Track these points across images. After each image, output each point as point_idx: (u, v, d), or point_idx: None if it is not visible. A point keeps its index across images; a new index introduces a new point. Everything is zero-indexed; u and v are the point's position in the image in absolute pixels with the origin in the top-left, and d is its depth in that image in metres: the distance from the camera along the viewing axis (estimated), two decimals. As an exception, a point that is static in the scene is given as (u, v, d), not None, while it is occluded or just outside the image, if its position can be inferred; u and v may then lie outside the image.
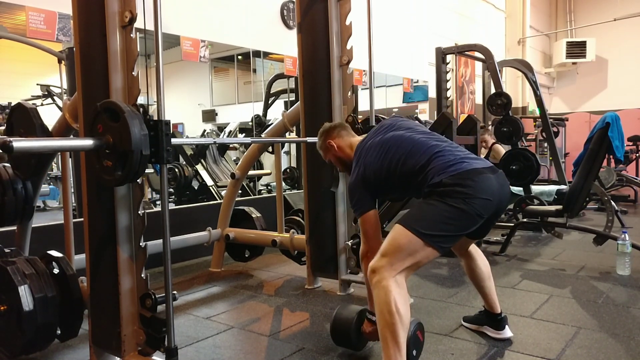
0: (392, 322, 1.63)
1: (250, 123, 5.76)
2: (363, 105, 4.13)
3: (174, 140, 1.71)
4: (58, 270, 2.02)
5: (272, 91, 6.01)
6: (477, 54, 5.59)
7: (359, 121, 2.85)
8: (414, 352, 1.92)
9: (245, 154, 3.74)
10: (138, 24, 1.76)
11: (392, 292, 1.64)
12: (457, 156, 1.82)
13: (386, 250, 1.72)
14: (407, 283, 1.73)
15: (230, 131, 5.91)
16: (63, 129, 2.30)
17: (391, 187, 1.97)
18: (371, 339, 2.07)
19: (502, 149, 5.27)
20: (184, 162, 5.28)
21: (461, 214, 1.70)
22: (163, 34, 1.68)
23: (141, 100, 1.79)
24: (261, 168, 5.78)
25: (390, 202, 4.08)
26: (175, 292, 1.76)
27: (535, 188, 5.01)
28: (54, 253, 2.07)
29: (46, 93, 4.75)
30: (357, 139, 2.16)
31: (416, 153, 1.85)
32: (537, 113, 6.73)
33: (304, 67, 3.02)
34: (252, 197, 5.07)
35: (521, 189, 4.80)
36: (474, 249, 2.16)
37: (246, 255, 3.74)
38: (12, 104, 2.49)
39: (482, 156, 4.37)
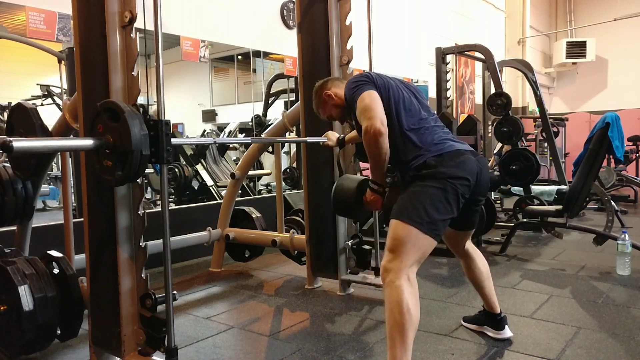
0: (402, 322, 1.63)
1: (250, 123, 5.75)
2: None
3: (174, 140, 1.72)
4: (58, 270, 2.02)
5: (272, 91, 6.00)
6: (477, 54, 5.58)
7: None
8: None
9: (245, 154, 3.74)
10: (138, 24, 1.76)
11: (404, 292, 1.65)
12: (441, 136, 1.89)
13: (392, 247, 1.73)
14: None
15: (230, 131, 5.90)
16: (63, 129, 2.30)
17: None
18: (372, 209, 2.05)
19: None
20: (184, 162, 5.28)
21: (445, 195, 1.74)
22: (163, 34, 1.68)
23: (141, 100, 1.79)
24: (261, 168, 5.77)
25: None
26: (175, 292, 1.76)
27: (536, 188, 5.01)
28: (54, 253, 2.07)
29: (46, 93, 4.74)
30: None
31: (415, 115, 1.91)
32: (537, 113, 6.73)
33: (304, 67, 3.02)
34: (252, 197, 5.07)
35: (521, 189, 4.81)
36: (472, 249, 2.17)
37: (246, 255, 3.73)
38: (12, 104, 2.49)
39: None
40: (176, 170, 5.06)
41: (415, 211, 1.73)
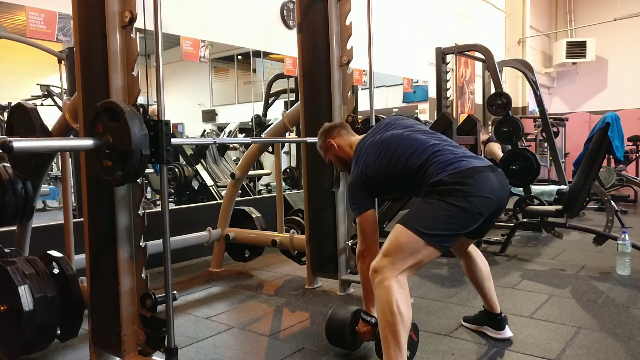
0: (394, 322, 1.63)
1: (250, 123, 5.75)
2: (363, 105, 4.14)
3: (174, 140, 1.71)
4: (58, 270, 2.02)
5: (272, 91, 6.00)
6: (477, 54, 5.59)
7: (359, 121, 2.85)
8: (408, 353, 1.92)
9: (245, 154, 3.74)
10: (138, 24, 1.76)
11: (394, 292, 1.64)
12: (457, 155, 1.83)
13: (388, 250, 1.72)
14: (408, 282, 1.73)
15: (230, 131, 5.90)
16: (63, 129, 2.30)
17: (391, 186, 1.98)
18: (366, 339, 2.06)
19: (495, 147, 5.25)
20: (184, 162, 5.28)
21: (462, 213, 1.70)
22: (163, 34, 1.67)
23: (141, 100, 1.79)
24: (261, 168, 5.77)
25: (390, 202, 4.08)
26: (175, 292, 1.76)
27: (536, 188, 5.01)
28: (54, 253, 2.07)
29: (46, 93, 4.74)
30: (357, 138, 2.16)
31: (415, 152, 1.86)
32: (537, 113, 6.74)
33: (304, 67, 3.02)
34: (252, 197, 5.07)
35: (521, 189, 4.81)
36: (473, 249, 2.16)
37: (246, 255, 3.73)
38: (12, 104, 2.49)
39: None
40: (176, 170, 5.06)
41: (423, 221, 1.70)
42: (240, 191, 4.10)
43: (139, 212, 1.81)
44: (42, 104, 4.72)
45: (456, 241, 1.87)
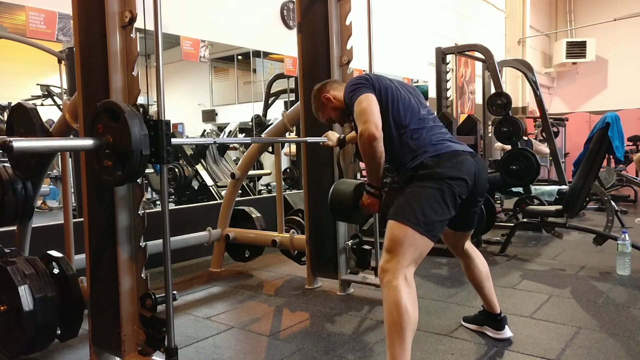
0: (400, 322, 1.63)
1: (250, 123, 5.75)
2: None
3: (174, 140, 1.72)
4: (58, 270, 2.02)
5: (272, 91, 6.00)
6: (477, 54, 5.58)
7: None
8: None
9: (245, 154, 3.74)
10: (138, 24, 1.76)
11: (402, 292, 1.66)
12: (439, 137, 1.89)
13: (389, 247, 1.74)
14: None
15: (230, 131, 5.90)
16: (63, 129, 2.30)
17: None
18: (370, 212, 2.05)
19: (540, 146, 5.86)
20: (184, 162, 5.28)
21: (442, 196, 1.74)
22: (163, 34, 1.68)
23: (141, 100, 1.79)
24: (261, 168, 5.77)
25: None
26: (175, 292, 1.76)
27: (537, 188, 5.01)
28: (54, 253, 2.07)
29: (46, 93, 4.75)
30: None
31: (413, 115, 1.91)
32: (536, 114, 6.77)
33: (304, 67, 3.02)
34: (252, 197, 5.07)
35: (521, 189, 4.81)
36: (471, 249, 2.17)
37: (246, 255, 3.73)
38: (12, 104, 2.49)
39: None
40: (176, 170, 5.06)
41: (411, 212, 1.73)
42: (240, 191, 4.10)
43: (139, 212, 1.81)
44: (42, 104, 4.72)
45: (443, 228, 1.85)
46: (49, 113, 4.56)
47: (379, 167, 1.86)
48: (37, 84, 4.78)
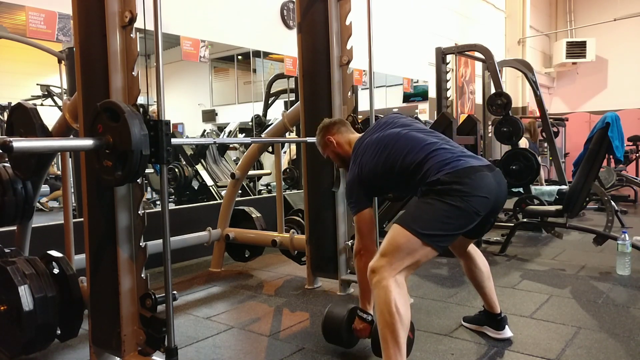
0: (392, 322, 1.63)
1: (250, 123, 5.75)
2: (363, 105, 4.13)
3: (174, 140, 1.71)
4: (58, 270, 2.02)
5: (272, 91, 6.00)
6: (477, 54, 5.59)
7: (359, 121, 2.85)
8: None
9: (245, 154, 3.74)
10: (138, 24, 1.76)
11: (392, 292, 1.64)
12: (454, 154, 1.82)
13: (385, 250, 1.72)
14: (407, 283, 1.73)
15: (230, 131, 5.90)
16: (63, 129, 2.30)
17: (388, 185, 1.99)
18: (362, 337, 2.06)
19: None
20: (184, 162, 5.28)
21: (459, 212, 1.70)
22: (163, 34, 1.68)
23: (141, 100, 1.79)
24: (261, 168, 5.77)
25: (390, 202, 4.08)
26: (175, 292, 1.76)
27: (537, 188, 5.01)
28: (54, 253, 2.07)
29: (46, 93, 4.75)
30: (356, 135, 2.17)
31: (413, 150, 1.85)
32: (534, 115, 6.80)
33: (304, 67, 3.02)
34: (252, 197, 5.07)
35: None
36: (472, 249, 2.16)
37: (246, 255, 3.73)
38: (12, 104, 2.49)
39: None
40: (176, 170, 5.06)
41: (420, 221, 1.70)
42: (240, 191, 4.10)
43: (139, 212, 1.81)
44: (42, 104, 4.72)
45: (454, 241, 1.87)
46: (49, 113, 4.56)
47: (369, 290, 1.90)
48: (37, 84, 4.79)
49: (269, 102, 5.99)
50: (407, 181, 1.88)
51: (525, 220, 4.19)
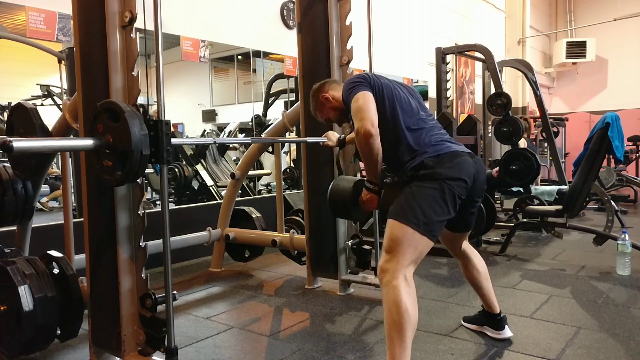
0: (400, 322, 1.64)
1: (250, 123, 5.75)
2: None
3: (174, 140, 1.72)
4: (58, 270, 2.02)
5: (272, 91, 6.00)
6: (477, 54, 5.58)
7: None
8: None
9: (245, 154, 3.74)
10: (138, 24, 1.76)
11: (402, 292, 1.66)
12: (439, 137, 1.90)
13: (388, 247, 1.74)
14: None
15: (230, 131, 5.90)
16: (63, 129, 2.30)
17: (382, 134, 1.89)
18: (369, 209, 2.05)
19: None
20: (184, 162, 5.28)
21: (442, 196, 1.75)
22: (163, 34, 1.68)
23: (141, 100, 1.79)
24: (261, 168, 5.77)
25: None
26: (175, 292, 1.76)
27: (536, 188, 5.00)
28: (54, 253, 2.07)
29: (46, 93, 4.74)
30: None
31: (410, 112, 1.92)
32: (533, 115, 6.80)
33: (304, 67, 3.02)
34: (252, 197, 5.07)
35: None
36: (469, 249, 2.17)
37: (246, 255, 3.73)
38: (12, 104, 2.49)
39: None
40: (176, 170, 5.06)
41: (411, 211, 1.73)
42: (240, 191, 4.10)
43: (139, 212, 1.81)
44: (42, 104, 4.72)
45: (442, 228, 1.85)
46: (49, 113, 4.56)
47: (377, 163, 1.86)
48: (37, 84, 4.78)
49: (269, 102, 5.99)
50: (392, 137, 1.89)
51: (525, 220, 4.19)
